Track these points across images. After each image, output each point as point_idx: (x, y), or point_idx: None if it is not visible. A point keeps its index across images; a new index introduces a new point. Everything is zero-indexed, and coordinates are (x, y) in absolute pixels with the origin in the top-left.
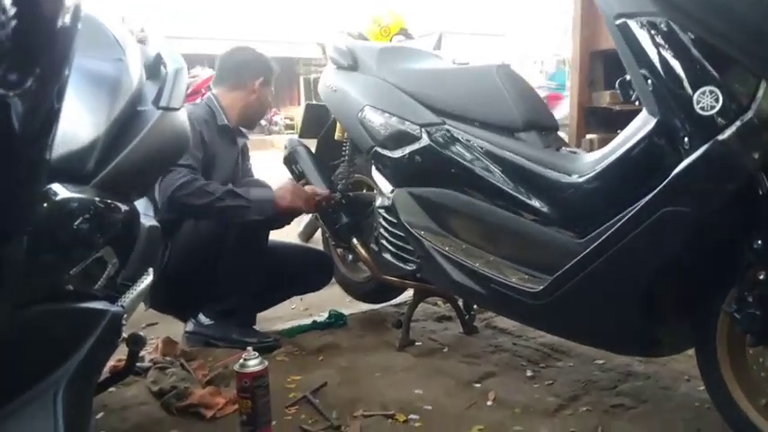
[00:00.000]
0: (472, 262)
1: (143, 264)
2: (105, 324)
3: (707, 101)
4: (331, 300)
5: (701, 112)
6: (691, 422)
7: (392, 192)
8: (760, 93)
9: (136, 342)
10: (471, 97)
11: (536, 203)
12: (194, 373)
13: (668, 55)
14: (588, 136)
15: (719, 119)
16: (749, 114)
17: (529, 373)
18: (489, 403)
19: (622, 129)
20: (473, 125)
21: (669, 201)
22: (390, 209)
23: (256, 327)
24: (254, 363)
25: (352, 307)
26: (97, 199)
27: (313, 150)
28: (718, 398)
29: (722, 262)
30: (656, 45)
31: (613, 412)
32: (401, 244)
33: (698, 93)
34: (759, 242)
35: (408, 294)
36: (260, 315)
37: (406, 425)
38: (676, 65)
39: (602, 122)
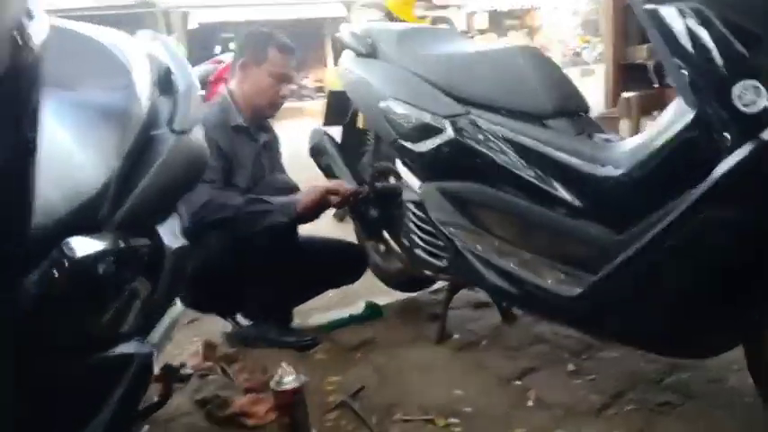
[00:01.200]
0: (506, 262)
1: (171, 289)
2: (136, 368)
3: (748, 96)
4: (367, 287)
5: (742, 107)
6: (740, 422)
7: (420, 187)
8: None
9: (170, 372)
10: (495, 83)
11: (569, 197)
12: (235, 378)
13: (702, 44)
14: (625, 94)
15: (763, 115)
16: None
17: (570, 367)
18: (530, 403)
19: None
20: (499, 113)
21: (711, 205)
22: (419, 205)
23: (295, 321)
24: (289, 379)
25: (389, 295)
26: (118, 243)
27: (338, 139)
28: None
29: None
30: (690, 33)
31: (659, 411)
32: (432, 240)
33: (738, 86)
34: None
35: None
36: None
37: (446, 430)
38: (712, 55)
39: (640, 79)
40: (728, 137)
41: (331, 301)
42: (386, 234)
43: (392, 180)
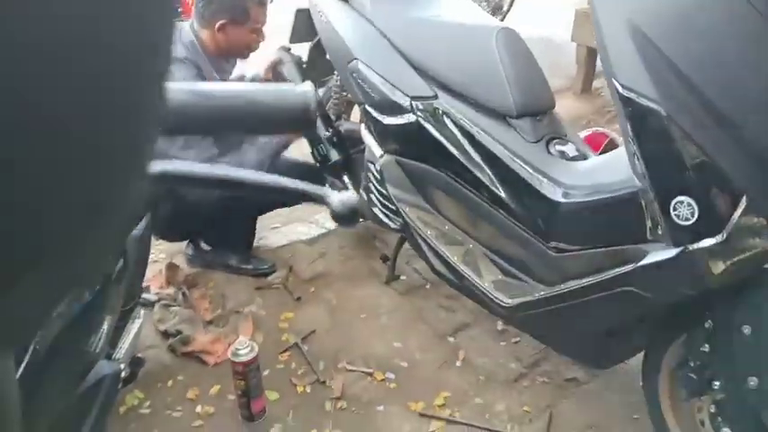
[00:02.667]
0: (451, 253)
1: (134, 290)
2: (107, 387)
3: (683, 211)
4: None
5: (676, 218)
6: (632, 407)
7: (381, 156)
8: (737, 213)
9: (136, 364)
10: (466, 69)
11: (515, 206)
12: (196, 307)
13: (657, 151)
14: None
15: (692, 231)
16: (722, 236)
17: (500, 326)
18: (458, 363)
19: None
20: (466, 103)
21: (633, 282)
22: (379, 175)
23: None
24: (245, 352)
25: None
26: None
27: (305, 59)
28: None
29: (671, 325)
30: (648, 134)
31: (566, 387)
32: (388, 205)
33: (675, 200)
34: (709, 322)
35: None
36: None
37: (382, 383)
38: (662, 164)
39: None
40: (661, 232)
41: (293, 212)
42: (346, 179)
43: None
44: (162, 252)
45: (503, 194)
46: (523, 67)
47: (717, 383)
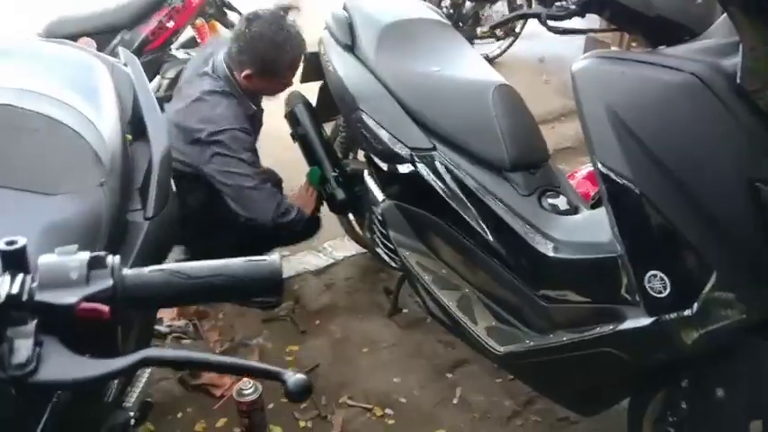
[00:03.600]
0: (447, 298)
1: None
2: None
3: (656, 284)
4: (334, 222)
5: (650, 290)
6: None
7: (383, 200)
8: (707, 287)
9: (146, 407)
10: (464, 124)
11: (507, 256)
12: (206, 339)
13: (632, 225)
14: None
15: (665, 303)
16: (693, 310)
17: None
18: (455, 401)
19: None
20: (462, 155)
21: (612, 344)
22: (381, 219)
23: None
24: (249, 392)
25: (351, 247)
26: None
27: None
28: None
29: (651, 381)
30: (624, 209)
31: (558, 426)
32: (390, 246)
33: (649, 273)
34: (686, 381)
35: None
36: None
37: (381, 420)
38: (636, 238)
39: None
40: (637, 299)
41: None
42: (351, 217)
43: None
44: None
45: (496, 244)
46: (518, 122)
47: None
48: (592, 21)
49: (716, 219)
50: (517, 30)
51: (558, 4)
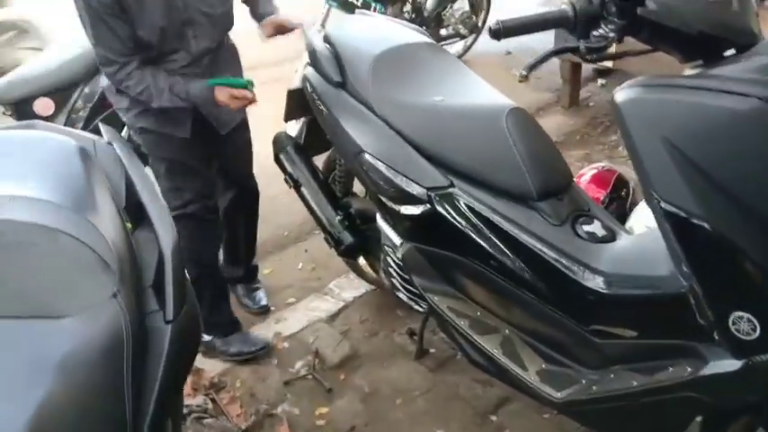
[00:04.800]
0: (488, 344)
1: None
2: None
3: (743, 326)
4: (336, 258)
5: (735, 332)
6: None
7: (401, 244)
8: None
9: None
10: (480, 155)
11: (547, 291)
12: (228, 413)
13: (707, 265)
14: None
15: (755, 345)
16: None
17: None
18: None
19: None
20: (483, 189)
21: (695, 389)
22: (401, 263)
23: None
24: None
25: (359, 284)
26: None
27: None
28: None
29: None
30: (696, 248)
31: None
32: (413, 290)
33: (733, 315)
34: None
35: None
36: (270, 284)
37: None
38: (715, 278)
39: None
40: (717, 338)
41: (302, 275)
42: (362, 261)
43: (366, 197)
44: None
45: (533, 280)
46: (538, 147)
47: None
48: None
49: None
50: (480, 25)
51: (595, 33)
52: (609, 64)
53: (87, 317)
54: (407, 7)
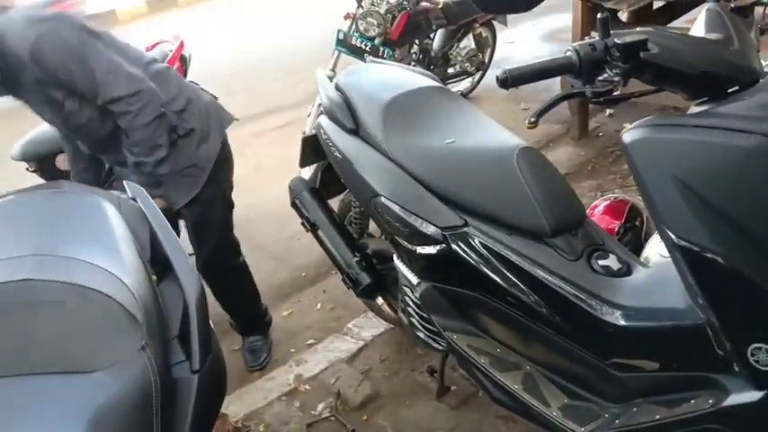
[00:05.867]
0: (510, 381)
1: None
2: None
3: (762, 357)
4: (355, 297)
5: (755, 364)
6: None
7: (418, 284)
8: None
9: None
10: (493, 194)
11: (566, 327)
12: None
13: (723, 298)
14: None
15: None
16: None
17: None
18: None
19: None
20: (497, 228)
21: (717, 421)
22: (419, 302)
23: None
24: None
25: (378, 323)
26: None
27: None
28: None
29: None
30: (711, 282)
31: None
32: (432, 328)
33: (752, 347)
34: None
35: None
36: (289, 326)
37: None
38: (732, 311)
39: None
40: (737, 368)
41: (322, 315)
42: (381, 301)
43: (383, 238)
44: None
45: (552, 316)
46: (550, 184)
47: None
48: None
49: None
50: (486, 61)
51: (600, 79)
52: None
53: (117, 370)
54: (415, 48)
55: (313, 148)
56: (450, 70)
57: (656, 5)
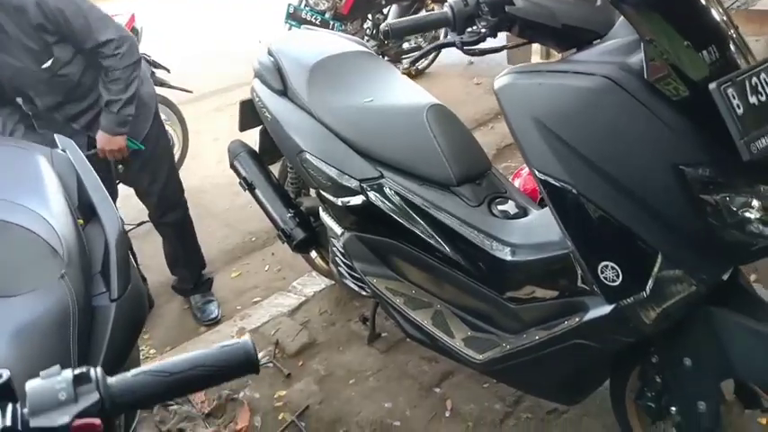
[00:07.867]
0: (421, 318)
1: None
2: None
3: (609, 273)
4: (301, 259)
5: (604, 280)
6: (610, 428)
7: (341, 234)
8: (655, 269)
9: None
10: (405, 148)
11: (469, 266)
12: (193, 399)
13: (576, 223)
14: None
15: (620, 290)
16: (645, 293)
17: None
18: (447, 414)
19: None
20: (409, 179)
21: (580, 336)
22: (343, 251)
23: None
24: None
25: (320, 281)
26: None
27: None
28: None
29: (625, 361)
30: (566, 209)
31: (548, 419)
32: (358, 275)
33: (601, 265)
34: (656, 357)
35: None
36: (237, 286)
37: None
38: (583, 235)
39: None
40: (596, 288)
41: (269, 276)
42: (314, 254)
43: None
44: (152, 348)
45: (456, 257)
46: (456, 138)
47: (673, 409)
48: (502, 37)
49: (651, 205)
50: (440, 36)
51: (469, 30)
52: None
53: (37, 295)
54: (368, 23)
55: (251, 113)
56: (405, 45)
57: None
